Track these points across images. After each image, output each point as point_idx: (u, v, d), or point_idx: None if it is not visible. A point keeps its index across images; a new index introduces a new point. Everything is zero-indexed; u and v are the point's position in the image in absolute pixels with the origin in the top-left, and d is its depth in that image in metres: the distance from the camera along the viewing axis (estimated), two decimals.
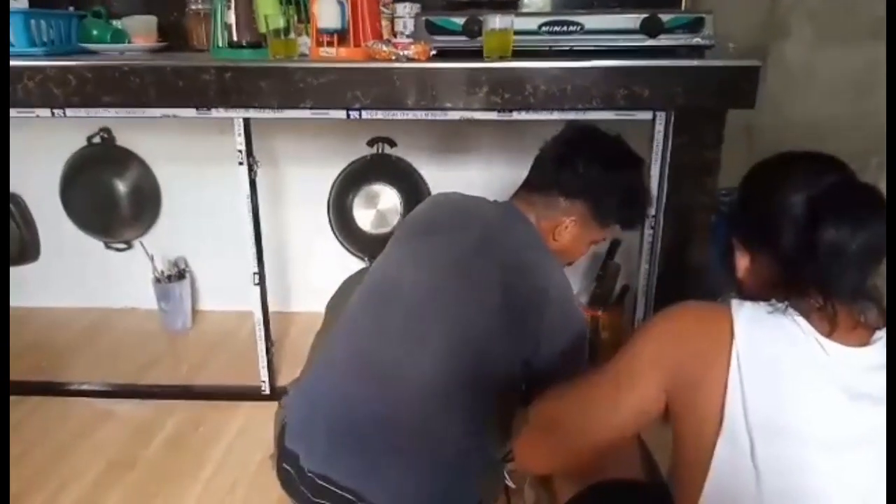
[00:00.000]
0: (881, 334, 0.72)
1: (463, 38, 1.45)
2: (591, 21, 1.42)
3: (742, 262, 0.83)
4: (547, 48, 1.44)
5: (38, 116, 1.48)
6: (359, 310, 1.11)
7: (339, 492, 0.95)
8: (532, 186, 1.17)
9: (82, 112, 1.48)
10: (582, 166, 1.12)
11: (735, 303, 0.75)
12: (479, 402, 1.01)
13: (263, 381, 1.73)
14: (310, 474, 0.98)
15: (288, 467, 1.01)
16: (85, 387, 1.79)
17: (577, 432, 0.83)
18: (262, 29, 1.52)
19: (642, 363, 0.78)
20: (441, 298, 1.03)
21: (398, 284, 1.08)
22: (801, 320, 0.72)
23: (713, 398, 0.71)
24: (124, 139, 2.10)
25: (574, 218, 1.13)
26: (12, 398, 1.70)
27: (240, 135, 1.51)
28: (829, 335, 0.71)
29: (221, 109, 1.46)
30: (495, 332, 1.01)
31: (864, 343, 0.71)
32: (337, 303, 1.40)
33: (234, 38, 1.56)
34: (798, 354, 0.71)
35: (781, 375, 0.70)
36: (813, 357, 0.70)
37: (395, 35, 1.72)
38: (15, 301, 2.08)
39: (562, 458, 0.86)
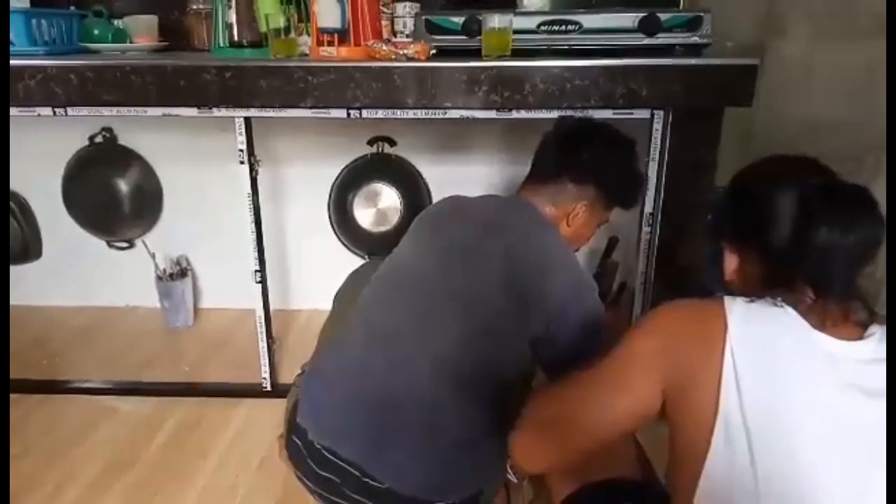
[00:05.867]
0: (873, 330, 0.73)
1: (462, 37, 1.46)
2: (590, 20, 1.43)
3: (731, 263, 0.84)
4: (546, 47, 1.45)
5: (39, 115, 1.49)
6: (372, 296, 1.15)
7: (343, 465, 0.98)
8: (538, 178, 1.20)
9: (84, 111, 1.49)
10: (588, 152, 1.17)
11: (727, 298, 0.75)
12: (487, 388, 1.02)
13: (265, 379, 1.74)
14: (318, 447, 1.01)
15: (297, 440, 1.05)
16: (86, 384, 1.80)
17: (574, 432, 0.81)
18: (263, 28, 1.53)
19: (637, 362, 0.77)
20: (449, 279, 1.06)
21: (409, 271, 1.13)
22: (792, 312, 0.72)
23: (709, 393, 0.71)
24: (126, 138, 2.11)
25: (585, 202, 1.17)
26: (14, 396, 1.72)
27: (241, 134, 1.52)
28: (820, 329, 0.72)
29: (223, 108, 1.47)
30: (502, 308, 1.03)
31: (856, 338, 0.72)
32: (344, 294, 1.44)
33: (235, 38, 1.57)
34: (791, 346, 0.71)
35: (775, 369, 0.71)
36: (805, 348, 0.71)
37: (394, 34, 1.73)
38: (17, 299, 2.09)
39: (558, 457, 0.85)
